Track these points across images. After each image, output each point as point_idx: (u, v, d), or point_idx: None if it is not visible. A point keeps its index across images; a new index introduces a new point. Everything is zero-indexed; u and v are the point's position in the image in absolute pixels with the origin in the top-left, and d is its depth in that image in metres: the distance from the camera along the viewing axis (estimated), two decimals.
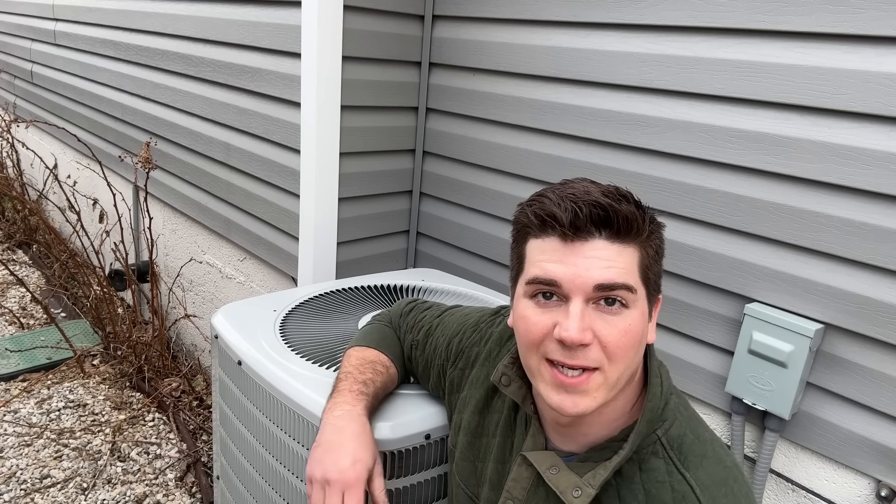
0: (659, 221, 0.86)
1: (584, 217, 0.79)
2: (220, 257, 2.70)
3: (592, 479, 0.84)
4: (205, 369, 2.95)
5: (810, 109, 1.31)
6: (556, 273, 0.80)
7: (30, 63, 4.20)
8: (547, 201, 0.82)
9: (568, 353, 0.79)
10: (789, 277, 1.38)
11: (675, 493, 0.82)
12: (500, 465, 1.00)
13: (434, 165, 2.13)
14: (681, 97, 1.49)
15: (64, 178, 3.96)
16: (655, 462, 0.85)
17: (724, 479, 0.84)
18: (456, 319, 1.19)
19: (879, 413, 1.31)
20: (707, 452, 0.86)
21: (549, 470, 0.88)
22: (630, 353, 0.81)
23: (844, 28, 1.24)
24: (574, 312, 0.78)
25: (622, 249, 0.80)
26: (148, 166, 2.61)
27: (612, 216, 0.79)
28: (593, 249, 0.79)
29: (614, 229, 0.79)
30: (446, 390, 1.16)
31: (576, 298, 0.79)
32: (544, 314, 0.81)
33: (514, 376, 0.95)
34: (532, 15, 1.74)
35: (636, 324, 0.81)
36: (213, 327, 1.50)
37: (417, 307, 1.30)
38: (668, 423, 0.87)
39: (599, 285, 0.78)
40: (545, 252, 0.81)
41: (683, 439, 0.86)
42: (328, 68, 1.86)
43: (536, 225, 0.83)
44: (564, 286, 0.79)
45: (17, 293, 3.68)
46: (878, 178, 1.24)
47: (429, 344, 1.20)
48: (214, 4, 2.31)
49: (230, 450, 1.50)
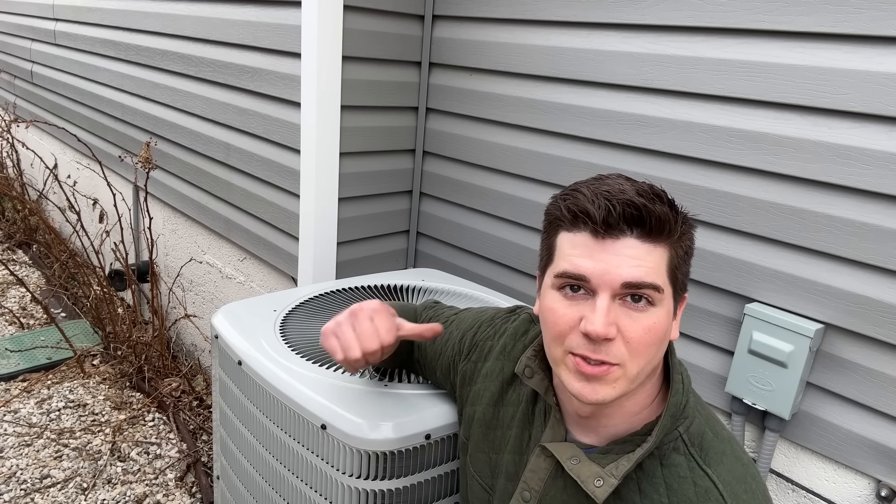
0: (691, 222, 0.87)
1: (617, 215, 0.79)
2: (220, 257, 2.70)
3: (615, 470, 0.84)
4: (205, 369, 2.95)
5: (810, 109, 1.31)
6: (586, 268, 0.80)
7: (30, 63, 4.20)
8: (581, 197, 0.82)
9: (592, 347, 0.80)
10: (789, 277, 1.38)
11: (698, 488, 0.83)
12: (518, 457, 1.00)
13: (434, 165, 2.13)
14: (681, 97, 1.49)
15: (64, 178, 3.96)
16: (677, 458, 0.85)
17: (743, 476, 0.85)
18: (472, 315, 1.21)
19: (880, 413, 1.31)
20: (726, 450, 0.87)
21: (570, 460, 0.89)
22: (652, 350, 0.82)
23: (845, 28, 1.24)
24: (601, 307, 0.79)
25: (652, 249, 0.81)
26: (148, 166, 2.61)
27: (644, 216, 0.79)
28: (624, 247, 0.80)
29: (646, 229, 0.80)
30: (458, 383, 1.16)
31: (603, 294, 0.80)
32: (571, 307, 0.82)
33: (536, 368, 0.97)
34: (532, 15, 1.74)
35: (661, 322, 0.81)
36: (214, 327, 1.50)
37: (439, 305, 1.33)
38: (688, 420, 0.88)
39: (627, 283, 0.79)
40: (576, 247, 0.82)
41: (704, 437, 0.87)
42: (328, 68, 1.86)
43: (569, 219, 0.83)
44: (593, 281, 0.80)
45: (17, 293, 3.68)
46: (878, 177, 1.24)
47: (442, 337, 1.21)
48: (215, 4, 2.31)
49: (230, 450, 1.50)
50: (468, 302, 1.71)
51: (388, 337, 1.05)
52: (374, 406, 1.21)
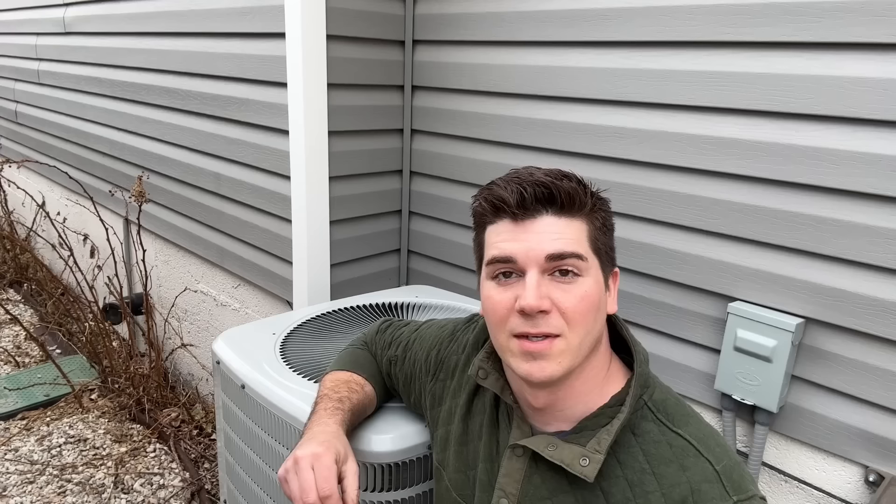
0: (602, 197, 0.94)
1: (530, 196, 0.86)
2: (214, 285, 2.73)
3: (598, 445, 0.87)
4: (203, 398, 2.96)
5: (778, 114, 1.37)
6: (511, 249, 0.87)
7: (14, 103, 4.23)
8: (495, 187, 0.90)
9: (531, 322, 0.85)
10: (768, 275, 1.44)
11: (675, 448, 0.87)
12: (489, 465, 1.01)
13: (422, 185, 2.18)
14: (655, 108, 1.56)
15: (53, 216, 3.97)
16: (647, 425, 0.90)
17: (711, 432, 0.90)
18: (432, 332, 1.21)
19: (863, 401, 1.36)
20: (690, 412, 0.92)
21: (548, 448, 0.90)
22: (589, 318, 0.87)
23: (805, 37, 1.31)
24: (530, 283, 0.85)
25: (569, 222, 0.88)
26: (141, 200, 2.64)
27: (555, 193, 0.86)
28: (542, 225, 0.87)
29: (558, 204, 0.87)
30: (428, 405, 1.16)
31: (531, 270, 0.86)
32: (506, 291, 0.88)
33: (490, 369, 1.00)
34: (509, 36, 1.81)
35: (591, 290, 0.87)
36: (215, 353, 1.53)
37: (394, 325, 1.32)
38: (650, 389, 0.93)
39: (550, 255, 0.85)
40: (500, 234, 0.89)
41: (667, 402, 0.92)
42: (314, 96, 1.91)
43: (490, 211, 0.91)
44: (519, 260, 0.86)
45: (11, 332, 3.67)
46: (846, 175, 1.30)
47: (407, 359, 1.22)
48: (199, 39, 2.37)
49: (237, 473, 1.53)
50: (461, 316, 1.75)
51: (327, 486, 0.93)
52: (376, 419, 1.25)
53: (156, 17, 2.58)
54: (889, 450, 1.34)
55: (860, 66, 1.26)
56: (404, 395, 1.25)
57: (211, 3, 2.25)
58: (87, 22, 3.14)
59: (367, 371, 1.24)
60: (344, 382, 1.18)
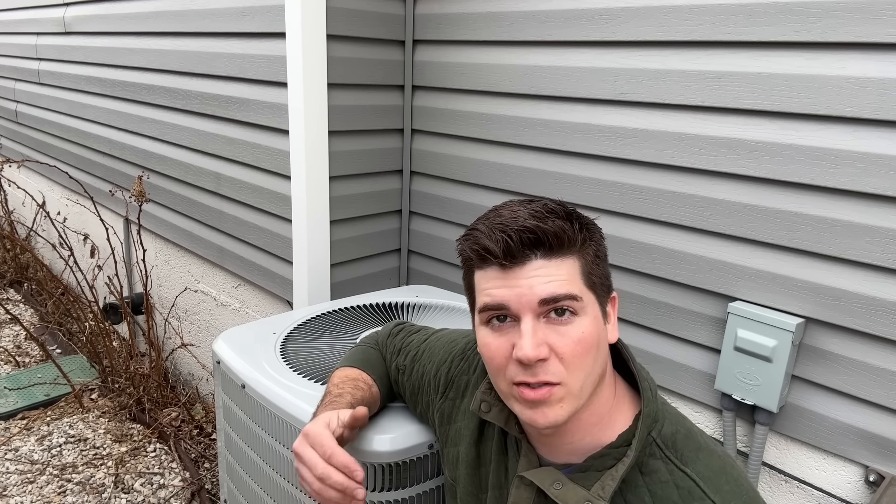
0: (593, 226, 0.90)
1: (516, 244, 0.82)
2: (214, 285, 2.73)
3: (602, 491, 0.85)
4: (203, 397, 2.96)
5: (778, 114, 1.37)
6: (503, 296, 0.83)
7: (14, 102, 4.23)
8: (479, 234, 0.86)
9: (529, 372, 0.83)
10: (769, 275, 1.44)
11: (681, 489, 0.84)
12: (498, 492, 1.00)
13: (422, 184, 2.18)
14: (655, 108, 1.56)
15: (53, 215, 3.97)
16: (654, 463, 0.87)
17: (721, 467, 0.87)
18: (442, 346, 1.19)
19: (862, 401, 1.37)
20: (700, 445, 0.89)
21: (553, 486, 0.89)
22: (588, 361, 0.84)
23: (805, 36, 1.31)
24: (526, 331, 0.82)
25: (561, 262, 0.84)
26: (142, 199, 2.65)
27: (542, 237, 0.82)
28: (532, 269, 0.83)
29: (547, 247, 0.83)
30: (437, 422, 1.16)
31: (525, 317, 0.83)
32: (501, 337, 0.85)
33: (493, 401, 0.97)
34: (509, 36, 1.81)
35: (588, 330, 0.84)
36: (215, 353, 1.53)
37: (405, 329, 1.31)
38: (659, 423, 0.89)
39: (544, 300, 0.82)
40: (489, 280, 0.85)
41: (676, 436, 0.89)
42: (314, 96, 1.91)
43: (475, 259, 0.87)
44: (512, 307, 0.83)
45: (11, 332, 3.68)
46: (845, 175, 1.30)
47: (415, 370, 1.21)
48: (200, 38, 2.37)
49: (237, 473, 1.53)
50: (462, 315, 1.76)
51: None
52: (377, 419, 1.25)
53: (156, 17, 2.59)
54: (889, 450, 1.34)
55: (860, 66, 1.26)
56: (410, 405, 1.25)
57: (211, 3, 2.25)
58: (87, 22, 3.14)
59: (377, 372, 1.24)
60: (351, 380, 1.19)
